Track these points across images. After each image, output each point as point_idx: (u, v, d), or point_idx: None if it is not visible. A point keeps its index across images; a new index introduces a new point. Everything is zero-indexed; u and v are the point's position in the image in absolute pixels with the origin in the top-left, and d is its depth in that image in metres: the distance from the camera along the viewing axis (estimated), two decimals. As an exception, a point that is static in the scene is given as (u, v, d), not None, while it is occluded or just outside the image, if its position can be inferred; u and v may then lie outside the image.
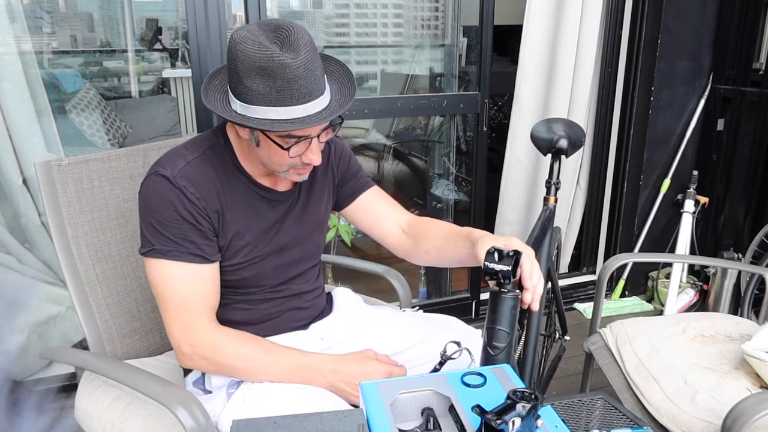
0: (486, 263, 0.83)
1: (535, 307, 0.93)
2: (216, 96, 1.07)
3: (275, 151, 1.04)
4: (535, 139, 1.59)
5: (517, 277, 0.90)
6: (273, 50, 0.94)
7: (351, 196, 1.30)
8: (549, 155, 1.57)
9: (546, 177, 1.56)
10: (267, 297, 1.19)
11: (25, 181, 1.94)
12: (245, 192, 1.12)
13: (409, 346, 1.26)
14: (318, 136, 1.05)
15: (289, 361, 1.07)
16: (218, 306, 1.13)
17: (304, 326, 1.24)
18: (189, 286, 1.05)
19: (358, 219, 1.33)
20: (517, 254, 0.82)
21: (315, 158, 1.06)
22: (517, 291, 0.84)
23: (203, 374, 1.15)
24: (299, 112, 0.98)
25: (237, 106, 1.00)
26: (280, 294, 1.20)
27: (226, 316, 1.15)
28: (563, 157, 1.55)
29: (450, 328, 1.30)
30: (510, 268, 0.82)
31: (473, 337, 1.27)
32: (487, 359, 0.90)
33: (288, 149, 1.02)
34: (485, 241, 1.01)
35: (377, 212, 1.31)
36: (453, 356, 0.93)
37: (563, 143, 1.52)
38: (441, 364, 0.96)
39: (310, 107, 0.99)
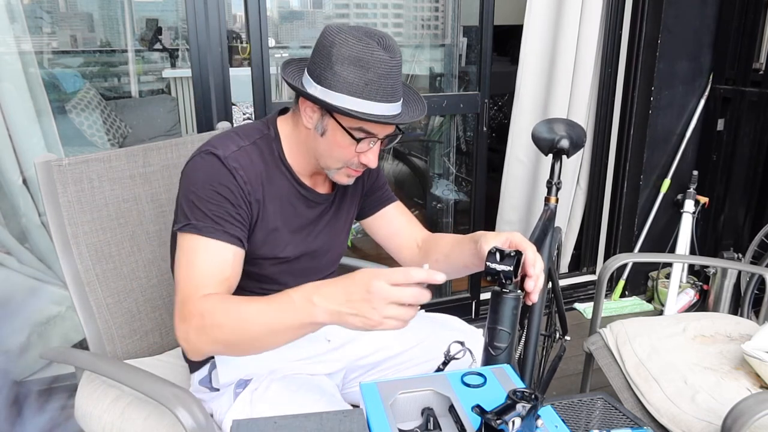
0: (488, 263, 0.83)
1: (535, 298, 0.93)
2: (289, 74, 1.08)
3: (340, 143, 1.05)
4: (536, 140, 1.59)
5: (518, 278, 0.90)
6: (374, 45, 0.98)
7: (375, 207, 1.31)
8: (550, 155, 1.57)
9: (546, 176, 1.56)
10: None
11: (25, 181, 1.94)
12: (287, 187, 1.12)
13: (411, 346, 1.26)
14: (381, 141, 1.08)
15: (274, 303, 0.91)
16: None
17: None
18: (207, 264, 1.01)
19: (378, 231, 1.33)
20: (518, 254, 0.82)
21: (373, 160, 1.08)
22: (519, 291, 0.84)
23: (210, 372, 1.14)
24: (379, 109, 1.01)
25: (317, 90, 1.01)
26: None
27: None
28: (564, 157, 1.55)
29: (451, 328, 1.31)
30: (511, 269, 0.82)
31: (475, 337, 1.27)
32: (488, 359, 0.90)
33: (358, 141, 1.04)
34: (488, 238, 1.02)
35: (397, 227, 1.32)
36: (457, 356, 0.93)
37: (564, 143, 1.52)
38: (445, 364, 0.96)
39: (388, 108, 1.02)
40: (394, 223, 1.32)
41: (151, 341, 1.39)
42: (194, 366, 1.18)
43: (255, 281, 1.14)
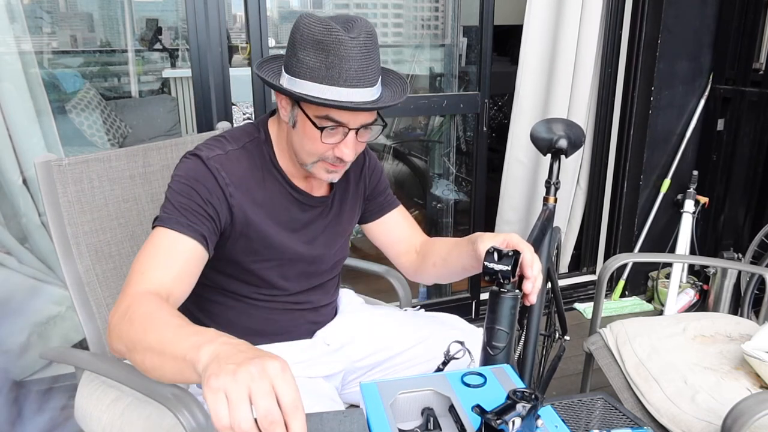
0: (485, 263, 0.83)
1: (533, 299, 0.93)
2: (269, 71, 1.05)
3: (309, 134, 1.00)
4: (535, 139, 1.59)
5: (516, 277, 0.90)
6: (333, 26, 0.94)
7: (377, 212, 1.29)
8: (548, 155, 1.57)
9: (546, 177, 1.56)
10: (286, 307, 1.17)
11: (25, 181, 1.94)
12: (279, 191, 1.10)
13: (411, 345, 1.26)
14: (357, 132, 1.01)
15: (186, 326, 0.78)
16: (235, 313, 1.11)
17: (311, 335, 1.23)
18: (158, 251, 0.95)
19: (378, 236, 1.31)
20: (516, 254, 0.83)
21: (348, 153, 1.01)
22: (517, 291, 0.84)
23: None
24: (343, 95, 0.95)
25: (284, 79, 0.99)
26: (299, 307, 1.19)
27: (241, 322, 1.14)
28: (563, 157, 1.55)
29: (452, 327, 1.30)
30: (509, 268, 0.82)
31: (476, 336, 1.27)
32: (487, 359, 0.90)
33: (321, 131, 0.98)
34: (484, 239, 1.01)
35: (398, 235, 1.30)
36: (456, 356, 0.93)
37: (563, 143, 1.53)
38: (444, 364, 0.96)
39: (356, 93, 0.96)
40: (396, 231, 1.30)
41: (151, 341, 1.38)
42: None
43: (254, 286, 1.14)
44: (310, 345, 1.20)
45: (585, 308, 2.78)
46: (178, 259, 0.95)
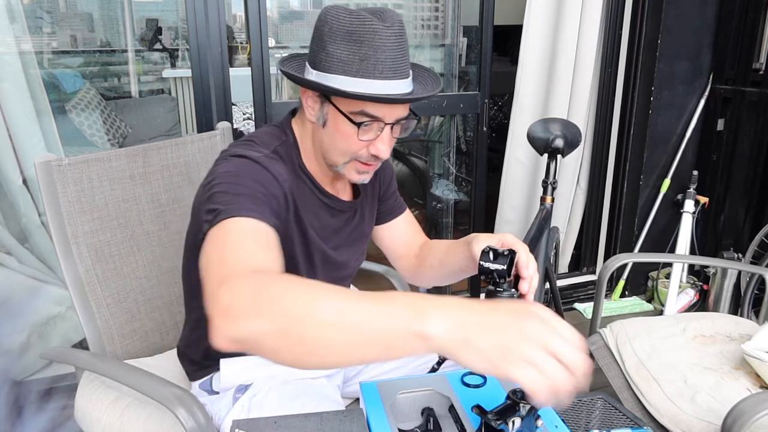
0: (481, 263, 0.83)
1: (530, 299, 0.92)
2: (291, 67, 1.00)
3: (342, 131, 0.94)
4: (532, 139, 1.59)
5: (512, 277, 0.90)
6: (365, 16, 0.89)
7: (386, 215, 1.26)
8: (546, 155, 1.57)
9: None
10: None
11: (25, 181, 1.94)
12: (309, 196, 1.05)
13: None
14: (392, 127, 0.96)
15: (362, 294, 0.65)
16: None
17: None
18: (250, 241, 0.79)
19: (383, 239, 1.28)
20: (512, 253, 0.82)
21: (384, 150, 0.96)
22: (513, 290, 0.83)
23: (211, 376, 1.13)
24: (380, 87, 0.90)
25: (312, 75, 0.93)
26: None
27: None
28: (560, 156, 1.56)
29: None
30: (505, 267, 0.81)
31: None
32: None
33: (358, 126, 0.93)
34: (479, 239, 1.00)
35: (402, 239, 1.27)
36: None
37: (559, 143, 1.53)
38: (439, 363, 0.96)
39: (392, 86, 0.91)
40: (401, 236, 1.28)
41: (151, 341, 1.39)
42: (195, 375, 1.16)
43: None
44: None
45: (585, 308, 2.78)
46: (271, 244, 0.82)
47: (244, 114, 3.58)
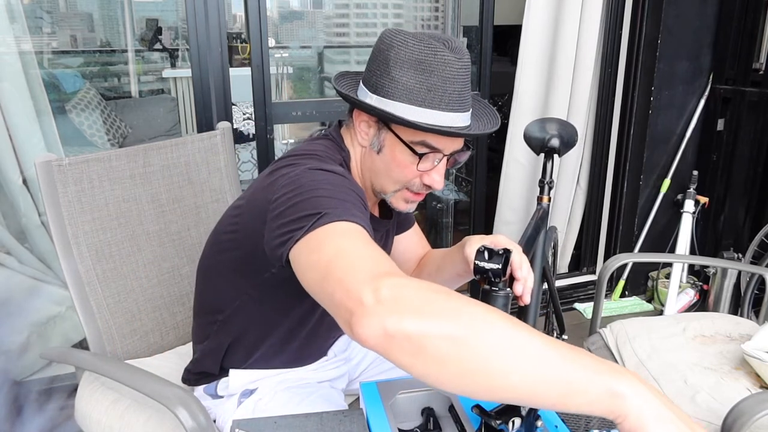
0: (476, 262, 0.83)
1: (527, 299, 0.92)
2: (343, 86, 0.97)
3: (399, 160, 0.93)
4: (528, 139, 1.59)
5: (507, 276, 0.90)
6: (436, 45, 0.87)
7: (398, 228, 1.24)
8: (542, 155, 1.58)
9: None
10: (323, 329, 1.10)
11: (25, 181, 1.94)
12: None
13: None
14: (448, 158, 0.95)
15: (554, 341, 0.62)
16: (286, 335, 1.03)
17: (325, 353, 1.19)
18: (375, 246, 0.75)
19: (391, 252, 1.26)
20: (507, 252, 0.82)
21: (439, 181, 0.95)
22: (508, 289, 0.83)
23: (216, 381, 1.12)
24: (444, 119, 0.89)
25: (372, 99, 0.90)
26: (333, 327, 1.13)
27: (258, 336, 1.05)
28: (556, 156, 1.56)
29: None
30: (500, 266, 0.81)
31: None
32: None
33: (420, 157, 0.91)
34: (472, 241, 0.99)
35: (411, 251, 1.27)
36: None
37: (555, 142, 1.53)
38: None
39: (456, 118, 0.90)
40: (410, 248, 1.27)
41: (151, 341, 1.39)
42: (199, 381, 1.15)
43: (313, 310, 1.02)
44: (327, 364, 1.19)
45: (585, 308, 2.78)
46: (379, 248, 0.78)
47: (244, 114, 3.59)
